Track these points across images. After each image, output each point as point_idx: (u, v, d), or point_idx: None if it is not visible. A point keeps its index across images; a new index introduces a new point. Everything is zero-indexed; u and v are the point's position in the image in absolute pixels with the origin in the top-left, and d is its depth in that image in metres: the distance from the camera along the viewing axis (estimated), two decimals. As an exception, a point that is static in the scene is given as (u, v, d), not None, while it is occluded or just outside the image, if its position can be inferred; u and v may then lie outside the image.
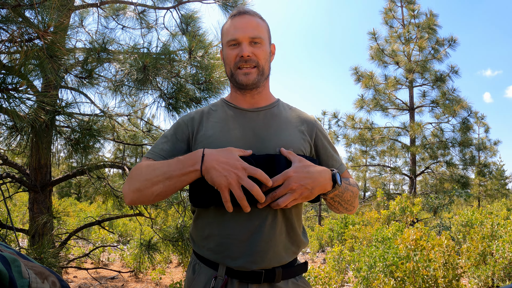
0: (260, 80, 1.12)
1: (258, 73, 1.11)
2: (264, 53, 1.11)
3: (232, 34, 1.10)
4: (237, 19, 1.12)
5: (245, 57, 1.08)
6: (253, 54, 1.09)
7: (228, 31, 1.12)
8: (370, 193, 16.05)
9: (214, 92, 2.90)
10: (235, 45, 1.10)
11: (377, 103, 10.91)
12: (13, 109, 1.69)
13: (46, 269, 0.43)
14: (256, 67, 1.10)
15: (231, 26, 1.11)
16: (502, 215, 7.20)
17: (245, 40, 1.09)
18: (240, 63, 1.09)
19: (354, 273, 4.04)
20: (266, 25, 1.16)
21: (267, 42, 1.14)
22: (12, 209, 7.77)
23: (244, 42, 1.09)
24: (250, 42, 1.09)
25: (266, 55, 1.13)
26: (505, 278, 4.09)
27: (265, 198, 0.94)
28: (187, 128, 1.14)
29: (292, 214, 1.08)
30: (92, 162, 3.18)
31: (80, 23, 3.48)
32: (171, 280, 5.07)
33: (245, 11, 1.13)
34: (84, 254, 4.17)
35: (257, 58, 1.09)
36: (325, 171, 1.02)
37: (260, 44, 1.10)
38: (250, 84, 1.10)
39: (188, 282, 1.10)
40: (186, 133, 1.14)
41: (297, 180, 0.95)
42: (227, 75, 1.16)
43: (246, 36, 1.08)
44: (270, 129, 1.12)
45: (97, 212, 8.85)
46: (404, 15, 11.25)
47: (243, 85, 1.10)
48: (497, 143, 15.14)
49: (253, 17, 1.12)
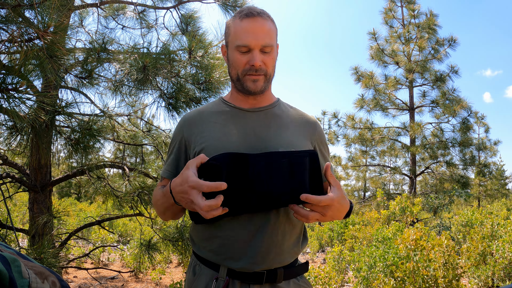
0: (267, 86, 1.11)
1: (265, 81, 1.09)
2: (272, 61, 1.09)
3: (243, 40, 1.04)
4: (249, 22, 1.05)
5: (257, 67, 1.05)
6: (263, 63, 1.06)
7: (238, 34, 1.05)
8: (370, 193, 16.04)
9: (214, 92, 2.90)
10: (246, 52, 1.06)
11: (377, 103, 10.91)
12: (13, 109, 1.69)
13: (46, 269, 0.43)
14: (264, 75, 1.08)
15: (242, 28, 1.05)
16: (502, 215, 7.20)
17: (256, 47, 1.04)
18: (250, 71, 1.06)
19: (354, 273, 4.04)
20: (275, 29, 1.12)
21: (275, 48, 1.11)
22: (12, 209, 7.77)
23: (255, 50, 1.04)
24: (261, 49, 1.06)
25: (274, 61, 1.11)
26: (505, 278, 4.09)
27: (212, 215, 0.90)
28: (183, 134, 1.15)
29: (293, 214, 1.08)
30: (92, 162, 3.18)
31: (80, 23, 3.49)
32: (171, 280, 5.07)
33: (257, 13, 1.06)
34: (84, 254, 4.17)
35: (266, 67, 1.07)
36: (347, 203, 1.03)
37: (270, 52, 1.07)
38: (258, 91, 1.09)
39: (189, 283, 1.10)
40: (183, 141, 1.15)
41: (334, 210, 0.96)
42: (231, 77, 1.13)
43: (258, 44, 1.04)
44: (271, 129, 1.12)
45: (97, 212, 8.85)
46: (404, 15, 11.26)
47: (251, 92, 1.09)
48: (497, 143, 15.15)
49: (265, 21, 1.06)
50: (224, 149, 1.06)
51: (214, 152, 1.06)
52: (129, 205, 3.34)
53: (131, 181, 3.11)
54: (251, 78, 1.07)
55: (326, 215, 0.95)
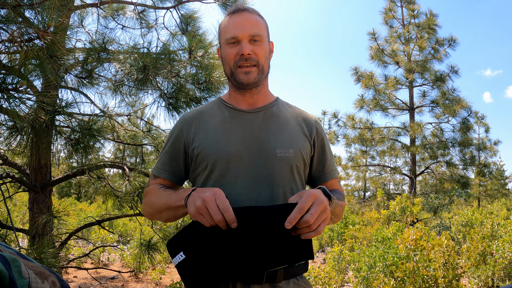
0: (260, 78, 1.10)
1: (258, 72, 1.09)
2: (264, 51, 1.09)
3: (231, 32, 1.07)
4: (236, 17, 1.09)
5: (246, 55, 1.05)
6: (253, 52, 1.06)
7: (227, 29, 1.09)
8: (370, 193, 16.04)
9: (214, 92, 2.90)
10: (235, 43, 1.07)
11: (377, 103, 10.91)
12: (13, 109, 1.69)
13: (46, 269, 0.43)
14: (256, 66, 1.08)
15: (229, 23, 1.09)
16: (502, 215, 7.20)
17: (245, 38, 1.06)
18: (241, 61, 1.07)
19: (354, 273, 4.04)
20: (265, 23, 1.14)
21: (266, 40, 1.12)
22: (12, 209, 7.77)
23: (244, 40, 1.06)
24: (250, 40, 1.07)
25: (266, 53, 1.11)
26: (505, 278, 4.09)
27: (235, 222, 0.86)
28: (182, 134, 1.15)
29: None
30: (92, 162, 3.18)
31: (80, 23, 3.48)
32: (171, 280, 5.07)
33: (244, 8, 1.11)
34: (84, 254, 4.17)
35: (257, 56, 1.07)
36: (325, 199, 0.93)
37: (260, 42, 1.08)
38: (250, 83, 1.08)
39: None
40: (182, 141, 1.14)
41: (322, 206, 0.88)
42: (226, 74, 1.14)
43: (246, 34, 1.06)
44: (270, 129, 1.12)
45: (97, 212, 8.85)
46: (404, 15, 11.26)
47: (244, 84, 1.09)
48: (497, 143, 15.15)
49: (252, 14, 1.10)
50: (223, 151, 1.07)
51: (213, 154, 1.07)
52: (129, 205, 3.34)
53: (131, 181, 3.11)
54: (243, 71, 1.07)
55: (324, 215, 0.89)
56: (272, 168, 1.07)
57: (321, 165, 1.20)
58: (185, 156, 1.15)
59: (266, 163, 1.07)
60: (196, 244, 0.90)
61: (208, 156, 1.08)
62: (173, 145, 1.16)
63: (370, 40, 11.01)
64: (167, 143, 1.18)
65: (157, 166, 1.18)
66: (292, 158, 1.09)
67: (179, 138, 1.15)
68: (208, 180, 1.09)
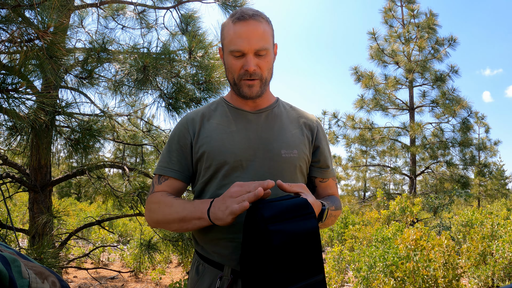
0: (263, 90, 1.11)
1: (261, 85, 1.09)
2: (268, 64, 1.08)
3: (237, 45, 1.03)
4: (242, 26, 1.04)
5: (251, 71, 1.05)
6: (258, 66, 1.05)
7: (232, 40, 1.05)
8: (370, 193, 16.04)
9: (214, 92, 2.90)
10: (240, 56, 1.05)
11: (377, 103, 10.91)
12: (13, 110, 1.69)
13: (46, 269, 0.43)
14: (259, 79, 1.08)
15: (235, 34, 1.04)
16: (502, 215, 7.20)
17: (250, 52, 1.04)
18: (245, 76, 1.06)
19: (354, 273, 4.04)
20: (271, 29, 1.10)
21: (271, 50, 1.09)
22: (12, 209, 7.77)
23: (249, 54, 1.04)
24: (255, 53, 1.05)
25: (270, 64, 1.10)
26: (505, 278, 4.09)
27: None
28: (188, 131, 1.14)
29: None
30: (92, 162, 3.18)
31: (80, 23, 3.48)
32: (171, 280, 5.07)
33: (250, 15, 1.04)
34: (84, 254, 4.17)
35: (261, 70, 1.07)
36: (318, 205, 1.01)
37: (265, 55, 1.06)
38: (253, 96, 1.09)
39: (192, 283, 1.10)
40: (188, 138, 1.13)
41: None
42: (229, 81, 1.13)
43: (252, 48, 1.03)
44: (273, 130, 1.12)
45: (97, 212, 8.85)
46: (404, 15, 11.26)
47: (246, 97, 1.09)
48: (497, 143, 15.14)
49: (259, 24, 1.05)
50: (227, 151, 1.07)
51: (218, 154, 1.07)
52: (129, 205, 3.34)
53: (131, 181, 3.11)
54: (246, 83, 1.07)
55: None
56: (277, 169, 1.08)
57: (319, 165, 1.21)
58: (191, 154, 1.14)
59: (271, 164, 1.08)
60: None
61: (213, 156, 1.07)
62: (180, 143, 1.14)
63: (370, 40, 11.01)
64: (172, 142, 1.16)
65: (163, 165, 1.14)
66: (296, 159, 1.10)
67: (185, 135, 1.14)
68: (212, 180, 1.09)
